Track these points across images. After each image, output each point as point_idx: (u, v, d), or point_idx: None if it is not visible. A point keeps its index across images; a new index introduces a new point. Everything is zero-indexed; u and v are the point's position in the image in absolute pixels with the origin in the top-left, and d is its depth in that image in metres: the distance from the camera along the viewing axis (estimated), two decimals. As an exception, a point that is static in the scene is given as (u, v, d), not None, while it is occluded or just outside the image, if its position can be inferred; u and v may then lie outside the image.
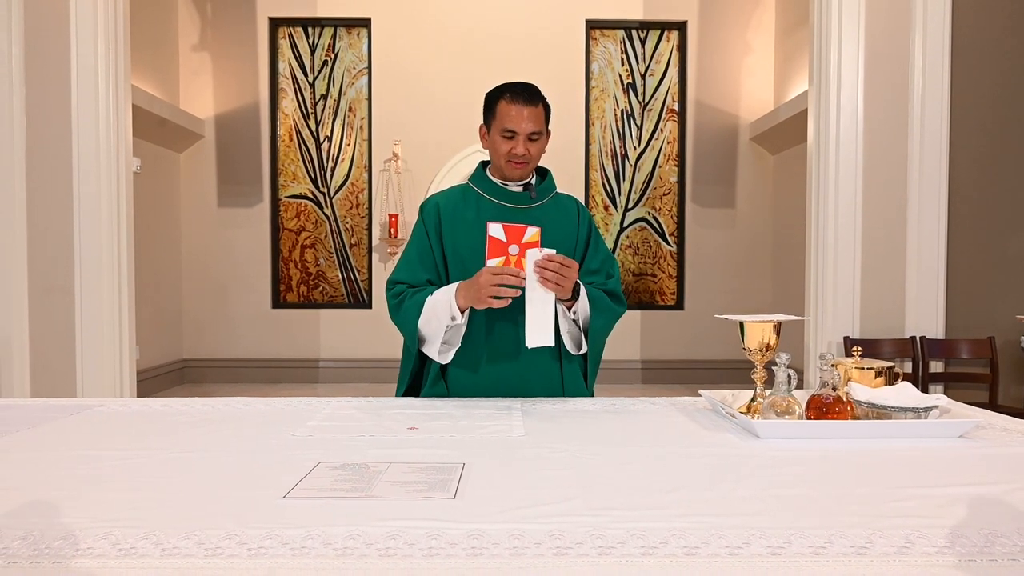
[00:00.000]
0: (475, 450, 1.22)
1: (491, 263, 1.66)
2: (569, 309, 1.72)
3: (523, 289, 1.60)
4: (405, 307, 1.73)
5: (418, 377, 1.86)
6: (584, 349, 1.79)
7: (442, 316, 1.66)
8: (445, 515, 0.89)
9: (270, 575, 0.74)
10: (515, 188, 1.84)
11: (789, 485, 1.02)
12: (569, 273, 1.60)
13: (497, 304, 1.57)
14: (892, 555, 0.78)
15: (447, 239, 1.80)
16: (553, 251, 1.60)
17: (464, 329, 1.70)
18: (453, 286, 1.67)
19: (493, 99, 1.79)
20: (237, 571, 0.75)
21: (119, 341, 3.72)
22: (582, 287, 1.71)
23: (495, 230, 1.75)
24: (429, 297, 1.69)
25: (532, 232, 1.76)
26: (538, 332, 1.60)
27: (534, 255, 1.58)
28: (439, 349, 1.70)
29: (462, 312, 1.65)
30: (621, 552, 0.78)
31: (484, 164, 1.90)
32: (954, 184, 3.64)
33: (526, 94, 1.76)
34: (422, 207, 1.87)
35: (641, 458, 1.18)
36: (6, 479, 1.06)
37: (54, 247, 3.49)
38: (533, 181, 1.87)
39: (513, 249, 1.76)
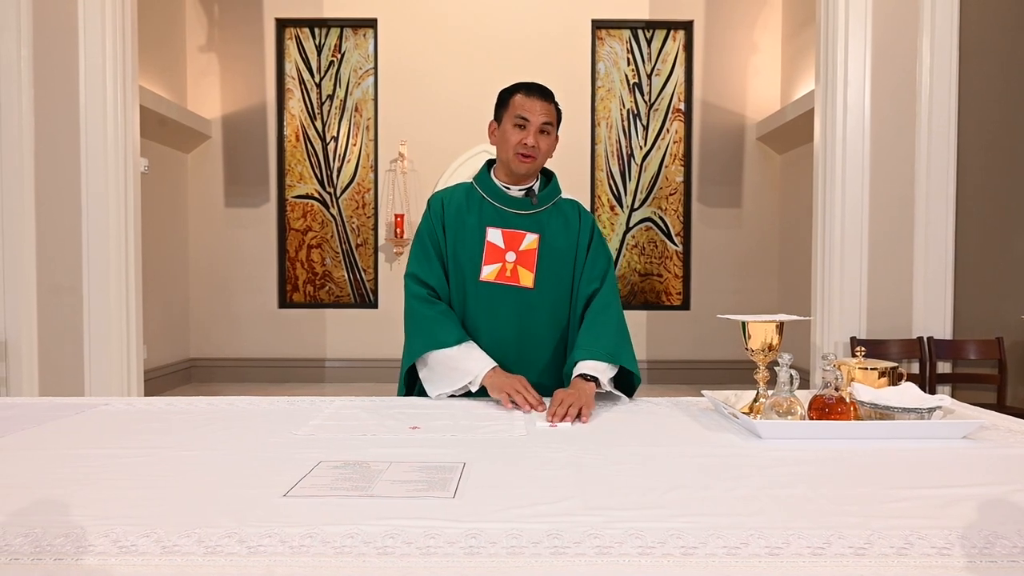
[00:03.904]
0: (476, 449, 1.22)
1: (487, 268, 1.71)
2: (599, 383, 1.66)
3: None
4: (430, 333, 1.70)
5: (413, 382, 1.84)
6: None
7: (458, 376, 1.66)
8: (444, 514, 0.89)
9: (268, 573, 0.74)
10: (516, 192, 1.83)
11: (789, 485, 1.02)
12: (583, 405, 1.48)
13: (507, 403, 1.57)
14: (891, 556, 0.78)
15: (449, 239, 1.81)
16: (557, 423, 1.44)
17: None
18: (487, 367, 1.65)
19: (508, 94, 1.80)
20: (236, 569, 0.75)
21: (127, 341, 3.74)
22: (603, 378, 1.64)
23: (494, 236, 1.77)
24: (456, 352, 1.67)
25: (530, 239, 1.78)
26: None
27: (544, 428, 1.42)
28: (438, 391, 1.70)
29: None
30: (618, 552, 0.78)
31: (489, 164, 1.90)
32: (962, 183, 3.61)
33: (541, 91, 1.78)
34: (430, 201, 1.87)
35: (641, 458, 1.18)
36: (10, 477, 1.07)
37: (62, 247, 3.51)
38: (537, 185, 1.86)
39: (510, 256, 1.77)
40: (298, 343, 6.43)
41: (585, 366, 1.65)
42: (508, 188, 1.83)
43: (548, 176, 1.90)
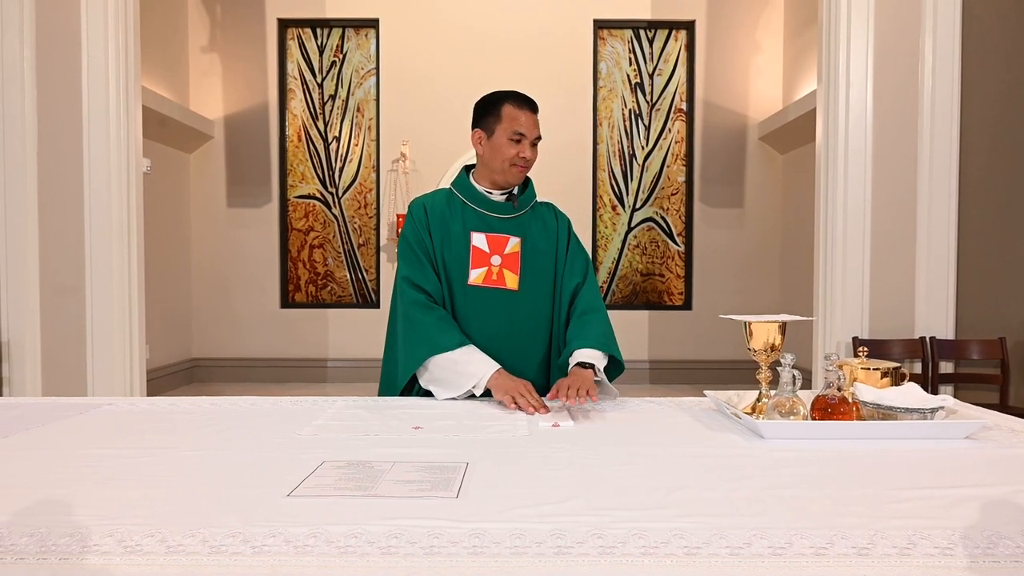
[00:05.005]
0: (479, 449, 1.22)
1: (474, 272, 1.75)
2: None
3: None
4: (429, 339, 1.70)
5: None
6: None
7: (462, 381, 1.66)
8: (447, 514, 0.90)
9: (273, 573, 0.74)
10: (498, 197, 1.86)
11: (792, 486, 1.02)
12: (587, 389, 1.55)
13: (511, 404, 1.57)
14: (894, 556, 0.78)
15: (436, 244, 1.82)
16: (560, 423, 1.44)
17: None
18: (490, 369, 1.65)
19: (495, 103, 1.81)
20: (240, 568, 0.75)
21: (129, 340, 3.75)
22: (599, 364, 1.71)
23: (478, 240, 1.81)
24: (459, 356, 1.67)
25: (513, 243, 1.81)
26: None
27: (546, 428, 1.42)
28: (445, 395, 1.70)
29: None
30: (622, 552, 0.79)
31: (467, 169, 1.91)
32: (964, 183, 3.61)
33: (530, 102, 1.81)
34: (411, 207, 1.88)
35: (644, 458, 1.18)
36: (15, 477, 1.07)
37: (65, 247, 3.52)
38: (515, 190, 1.89)
39: (495, 259, 1.81)
40: (300, 343, 6.43)
41: (581, 354, 1.71)
42: (490, 193, 1.86)
43: (525, 181, 1.92)
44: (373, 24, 6.41)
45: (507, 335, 1.80)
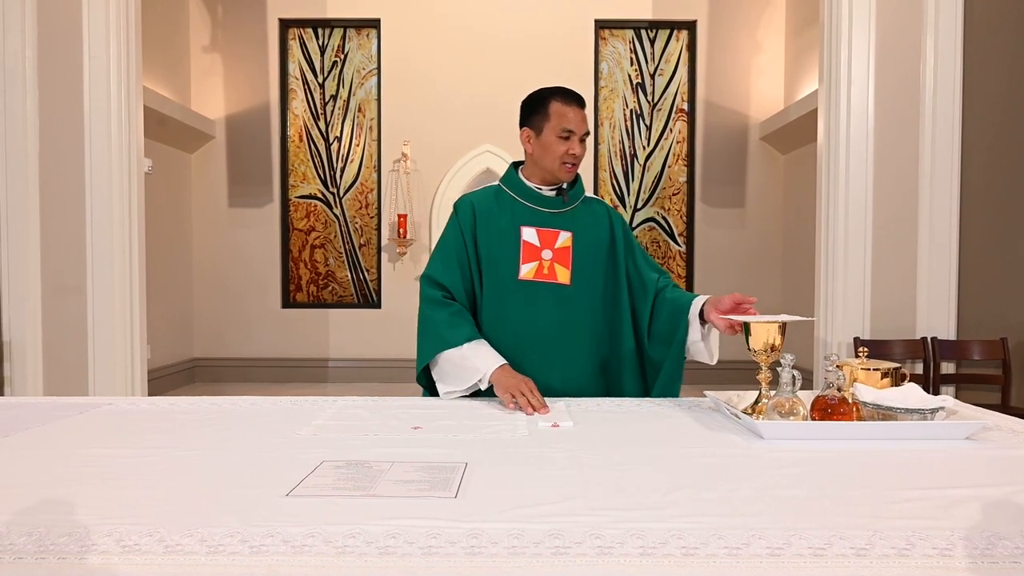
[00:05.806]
0: (478, 450, 1.22)
1: (525, 267, 1.75)
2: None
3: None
4: (438, 335, 1.72)
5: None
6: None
7: (468, 375, 1.67)
8: (446, 514, 0.90)
9: (270, 573, 0.74)
10: (548, 192, 1.85)
11: (791, 486, 1.02)
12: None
13: (510, 403, 1.56)
14: (892, 557, 0.78)
15: (481, 242, 1.82)
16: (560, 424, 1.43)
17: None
18: (495, 364, 1.65)
19: (542, 101, 1.80)
20: (238, 568, 0.75)
21: (131, 340, 3.75)
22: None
23: (529, 235, 1.80)
24: (466, 351, 1.68)
25: (564, 237, 1.81)
26: None
27: (546, 428, 1.41)
28: (449, 393, 1.71)
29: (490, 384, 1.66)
30: (619, 552, 0.78)
31: (515, 166, 1.91)
32: (966, 183, 3.60)
33: (577, 98, 1.80)
34: (457, 205, 1.88)
35: (643, 458, 1.18)
36: (14, 477, 1.08)
37: (67, 247, 3.52)
38: (564, 185, 1.88)
39: (546, 254, 1.82)
40: (301, 343, 6.44)
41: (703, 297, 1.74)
42: (540, 189, 1.86)
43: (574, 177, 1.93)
44: (374, 24, 6.42)
45: (558, 330, 1.80)
